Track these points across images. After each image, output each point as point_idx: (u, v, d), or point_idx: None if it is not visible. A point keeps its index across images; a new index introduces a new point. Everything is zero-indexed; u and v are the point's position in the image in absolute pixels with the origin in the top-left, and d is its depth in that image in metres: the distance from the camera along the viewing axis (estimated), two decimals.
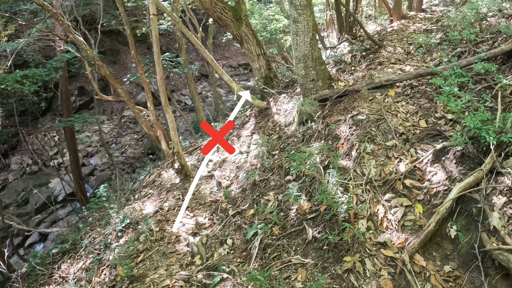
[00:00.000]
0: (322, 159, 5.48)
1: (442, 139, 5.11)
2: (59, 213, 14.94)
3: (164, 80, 7.83)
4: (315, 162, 5.25)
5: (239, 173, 7.38)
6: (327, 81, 6.81)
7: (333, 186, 4.68)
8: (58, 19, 9.71)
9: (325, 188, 4.49)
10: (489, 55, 6.18)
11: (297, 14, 6.30)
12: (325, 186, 4.54)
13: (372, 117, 5.69)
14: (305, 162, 5.05)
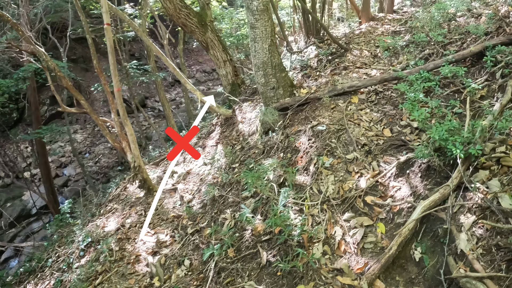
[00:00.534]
0: (278, 175, 4.97)
1: (407, 150, 4.64)
2: (33, 226, 14.29)
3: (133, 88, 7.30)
4: (269, 180, 4.74)
5: (202, 187, 6.90)
6: (288, 89, 6.32)
7: (285, 208, 4.17)
8: (18, 29, 9.10)
9: (276, 211, 3.97)
10: (458, 57, 5.74)
11: (254, 19, 5.80)
12: (275, 210, 4.02)
13: (333, 127, 5.20)
14: (258, 180, 4.54)
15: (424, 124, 4.24)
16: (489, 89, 5.12)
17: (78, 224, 7.97)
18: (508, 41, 5.62)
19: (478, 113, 4.74)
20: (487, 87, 5.16)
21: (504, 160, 3.85)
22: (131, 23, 7.81)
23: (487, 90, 5.11)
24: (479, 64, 5.65)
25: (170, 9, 8.45)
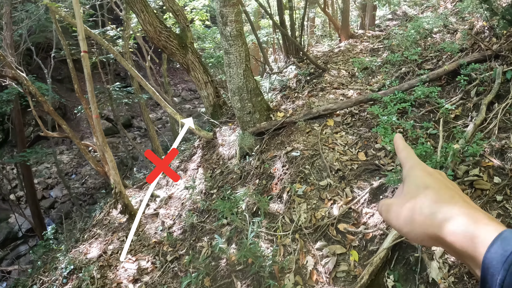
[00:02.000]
0: (252, 203, 4.95)
1: (380, 174, 4.63)
2: (20, 249, 14.11)
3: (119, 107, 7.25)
4: (242, 210, 4.71)
5: (182, 212, 6.86)
6: (264, 113, 6.32)
7: (257, 239, 4.14)
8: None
9: (246, 244, 3.95)
10: (432, 76, 5.77)
11: (228, 45, 5.81)
12: (245, 242, 4.00)
13: (307, 153, 5.19)
14: (231, 209, 4.51)
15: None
16: (464, 108, 5.13)
17: (62, 250, 7.86)
18: (482, 58, 5.64)
19: (453, 134, 4.74)
20: (462, 106, 5.18)
21: (477, 184, 3.85)
22: (110, 48, 7.80)
23: (461, 109, 5.12)
24: (454, 82, 5.67)
25: (150, 31, 8.43)
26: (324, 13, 10.34)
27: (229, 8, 5.64)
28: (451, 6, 8.56)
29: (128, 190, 9.10)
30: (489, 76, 5.19)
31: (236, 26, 5.72)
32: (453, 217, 0.59)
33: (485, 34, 6.37)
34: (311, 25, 12.80)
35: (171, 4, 9.06)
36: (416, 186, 0.66)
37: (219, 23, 5.85)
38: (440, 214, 0.60)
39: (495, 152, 4.21)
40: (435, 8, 9.16)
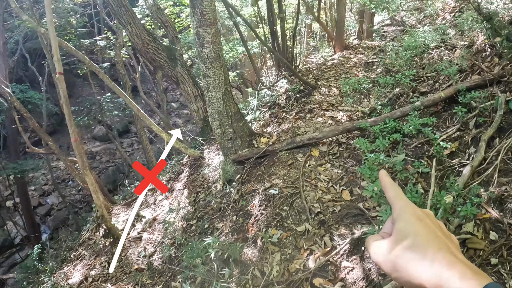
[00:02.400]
0: (223, 249, 4.45)
1: (364, 221, 4.13)
2: (16, 256, 13.79)
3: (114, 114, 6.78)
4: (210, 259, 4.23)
5: (164, 239, 6.42)
6: (246, 139, 5.81)
7: None
8: None
9: None
10: (427, 103, 5.19)
11: (206, 68, 5.31)
12: None
13: (286, 191, 4.69)
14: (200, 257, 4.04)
15: (380, 201, 3.71)
16: (461, 142, 4.58)
17: (47, 271, 7.56)
18: (483, 83, 5.04)
19: (447, 174, 4.22)
20: (459, 139, 4.63)
21: (470, 242, 3.34)
22: (92, 65, 7.37)
23: (458, 143, 4.58)
24: (451, 109, 5.11)
25: (138, 44, 8.00)
26: (318, 22, 9.77)
27: (205, 28, 5.13)
28: (450, 17, 7.96)
29: (116, 207, 8.71)
30: (490, 105, 4.62)
31: (213, 47, 5.21)
32: (438, 274, 0.59)
33: (487, 53, 5.78)
34: (308, 32, 12.22)
35: (159, 15, 8.60)
36: (405, 234, 0.66)
37: (196, 44, 5.36)
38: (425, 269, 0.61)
39: (493, 200, 3.69)
40: (433, 19, 8.55)
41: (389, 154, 4.78)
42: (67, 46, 7.12)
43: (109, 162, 17.05)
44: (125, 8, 7.61)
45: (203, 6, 5.05)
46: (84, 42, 11.41)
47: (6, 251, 14.00)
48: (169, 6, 11.44)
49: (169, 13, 11.39)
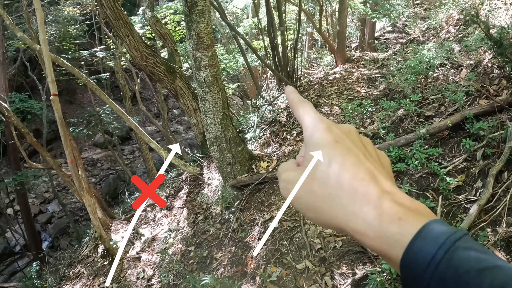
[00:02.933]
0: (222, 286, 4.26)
1: (366, 260, 3.92)
2: (17, 264, 13.62)
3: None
4: None
5: (163, 262, 6.24)
6: (246, 163, 5.60)
7: None
8: None
9: None
10: (433, 131, 4.93)
11: (203, 92, 5.10)
12: None
13: (286, 225, 4.48)
14: None
15: None
16: (468, 174, 4.35)
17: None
18: (491, 109, 4.80)
19: (453, 210, 4.01)
20: (466, 171, 4.40)
21: None
22: (89, 82, 7.16)
23: (465, 175, 4.35)
24: (457, 136, 4.88)
25: (136, 57, 7.76)
26: (319, 34, 9.54)
27: (202, 51, 4.93)
28: (454, 30, 7.72)
29: (116, 223, 8.52)
30: (499, 135, 4.39)
31: (211, 71, 5.00)
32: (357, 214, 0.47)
33: (494, 74, 5.54)
34: (309, 40, 11.98)
35: (158, 27, 8.37)
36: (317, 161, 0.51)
37: (192, 67, 5.15)
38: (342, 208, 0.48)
39: (500, 239, 3.48)
40: (437, 31, 8.30)
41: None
42: (63, 63, 6.92)
43: (110, 169, 16.86)
44: (123, 21, 7.37)
45: (199, 29, 4.85)
46: (83, 53, 11.22)
47: (6, 259, 13.83)
48: (170, 15, 11.21)
49: (170, 22, 11.17)
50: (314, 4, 11.02)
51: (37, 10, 5.60)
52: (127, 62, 11.30)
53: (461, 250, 0.41)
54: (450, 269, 0.40)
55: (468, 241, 0.43)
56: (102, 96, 7.19)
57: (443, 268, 0.41)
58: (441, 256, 0.41)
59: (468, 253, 0.41)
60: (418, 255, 0.42)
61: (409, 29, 10.35)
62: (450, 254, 0.41)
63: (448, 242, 0.42)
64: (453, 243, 0.42)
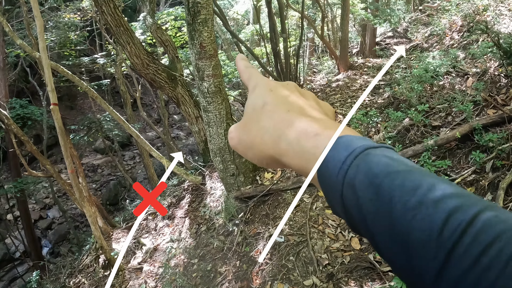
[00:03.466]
0: None
1: (375, 276, 3.79)
2: (17, 270, 13.47)
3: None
4: None
5: (166, 273, 6.11)
6: (250, 175, 5.48)
7: None
8: None
9: None
10: (441, 142, 4.80)
11: (206, 102, 4.98)
12: None
13: (292, 239, 4.35)
14: None
15: None
16: (477, 186, 4.23)
17: None
18: (500, 120, 4.68)
19: None
20: (476, 183, 4.28)
21: None
22: (89, 90, 7.05)
23: (475, 187, 4.24)
24: (466, 148, 4.76)
25: (137, 64, 7.65)
26: (322, 40, 9.42)
27: (205, 61, 4.81)
28: (458, 37, 7.60)
29: (116, 232, 8.38)
30: (508, 146, 4.27)
31: (214, 81, 4.88)
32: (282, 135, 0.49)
33: (501, 83, 5.43)
34: (310, 45, 11.87)
35: (159, 34, 8.26)
36: (253, 107, 0.56)
37: (195, 77, 5.03)
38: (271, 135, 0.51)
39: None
40: (440, 38, 8.19)
41: None
42: (63, 71, 6.79)
43: (110, 175, 16.70)
44: (123, 28, 7.26)
45: (202, 38, 4.73)
46: (83, 60, 11.10)
47: (6, 265, 13.68)
48: (171, 21, 11.10)
49: (171, 28, 11.06)
50: (315, 10, 10.92)
51: (37, 18, 5.46)
52: (127, 68, 11.16)
53: (371, 156, 0.40)
54: (359, 174, 0.39)
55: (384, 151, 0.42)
56: (103, 104, 7.07)
57: (352, 173, 0.40)
58: (350, 162, 0.41)
59: (379, 158, 0.40)
60: (329, 165, 0.43)
61: (411, 34, 10.24)
62: (359, 160, 0.40)
63: (359, 149, 0.41)
64: (364, 150, 0.41)
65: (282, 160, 0.50)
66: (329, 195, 0.44)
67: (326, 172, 0.43)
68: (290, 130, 0.48)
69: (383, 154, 0.41)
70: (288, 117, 0.50)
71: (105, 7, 6.93)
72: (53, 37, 10.73)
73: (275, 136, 0.50)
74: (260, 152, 0.53)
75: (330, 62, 10.42)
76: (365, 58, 10.04)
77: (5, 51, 12.03)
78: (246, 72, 0.63)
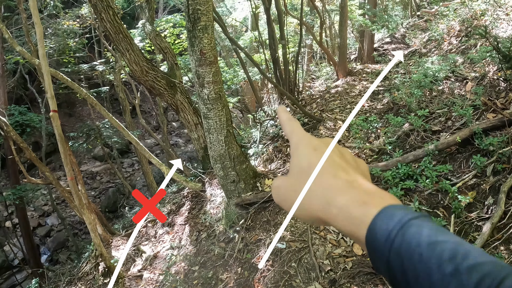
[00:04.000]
0: None
1: (378, 281, 3.77)
2: (16, 278, 13.38)
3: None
4: None
5: (166, 281, 6.06)
6: (250, 181, 5.45)
7: None
8: None
9: None
10: (441, 146, 4.78)
11: (207, 109, 4.97)
12: None
13: (294, 245, 4.32)
14: None
15: None
16: (478, 191, 4.22)
17: None
18: (500, 124, 4.68)
19: (465, 229, 3.87)
20: (477, 187, 4.27)
21: None
22: (88, 97, 7.02)
23: (476, 192, 4.22)
24: (466, 152, 4.75)
25: (136, 71, 7.63)
26: (320, 47, 9.44)
27: (205, 67, 4.79)
28: (456, 42, 7.62)
29: (116, 239, 8.33)
30: (509, 150, 4.26)
31: (214, 88, 4.87)
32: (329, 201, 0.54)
33: (500, 87, 5.43)
34: (309, 52, 11.89)
35: (158, 41, 8.25)
36: (299, 168, 0.60)
37: (195, 84, 5.02)
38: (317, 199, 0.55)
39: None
40: (439, 43, 8.21)
41: (403, 202, 4.42)
42: (62, 78, 6.77)
43: (109, 182, 16.66)
44: (123, 35, 7.24)
45: (202, 44, 4.71)
46: (82, 67, 11.09)
47: (4, 272, 13.59)
48: (169, 28, 11.11)
49: (169, 35, 11.07)
50: (313, 17, 10.95)
51: (36, 25, 5.45)
52: (126, 75, 11.15)
53: (414, 226, 0.46)
54: (404, 243, 0.45)
55: (424, 221, 0.47)
56: (102, 111, 7.04)
57: (398, 242, 0.46)
58: (396, 232, 0.46)
59: (421, 230, 0.45)
60: (377, 232, 0.48)
61: (409, 40, 10.26)
62: (404, 230, 0.46)
63: (403, 220, 0.47)
64: (408, 221, 0.46)
65: (330, 223, 0.54)
66: (375, 257, 0.49)
67: (374, 239, 0.48)
68: (339, 197, 0.53)
69: (424, 225, 0.46)
70: (336, 184, 0.55)
71: (104, 14, 6.92)
72: (52, 44, 10.72)
73: (324, 201, 0.54)
74: (308, 213, 0.57)
75: (328, 69, 10.42)
76: (363, 64, 10.05)
77: (4, 58, 12.02)
78: (289, 125, 0.67)
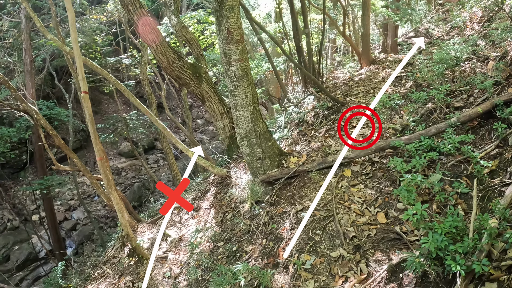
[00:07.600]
0: (253, 277, 4.24)
1: (402, 246, 3.88)
2: (41, 270, 13.79)
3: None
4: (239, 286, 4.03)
5: (191, 260, 6.24)
6: (276, 159, 5.62)
7: None
8: (9, 87, 8.72)
9: None
10: (463, 119, 4.89)
11: (233, 86, 5.16)
12: None
13: (319, 214, 4.47)
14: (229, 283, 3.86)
15: (420, 225, 3.49)
16: (500, 159, 4.30)
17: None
18: None
19: (488, 194, 3.95)
20: (499, 156, 4.35)
21: None
22: (118, 83, 7.29)
23: (498, 161, 4.30)
24: (488, 124, 4.84)
25: (163, 61, 7.88)
26: (343, 37, 9.59)
27: (232, 46, 4.99)
28: (478, 27, 7.68)
29: (141, 225, 8.56)
30: None
31: (241, 65, 5.06)
32: None
33: None
34: (332, 46, 12.03)
35: (184, 32, 8.49)
36: None
37: (223, 62, 5.22)
38: None
39: None
40: (461, 29, 8.27)
41: (426, 173, 4.53)
42: (92, 65, 7.06)
43: (134, 178, 17.04)
44: (150, 27, 7.51)
45: (229, 23, 4.91)
46: (109, 60, 11.45)
47: (30, 264, 14.02)
48: (193, 24, 11.39)
49: (194, 31, 11.34)
50: (336, 11, 11.10)
51: (68, 10, 5.74)
52: (152, 68, 11.47)
53: None
54: None
55: None
56: (131, 98, 7.31)
57: None
58: None
59: None
60: None
61: (432, 30, 10.32)
62: None
63: None
64: None
65: None
66: None
67: None
68: None
69: None
70: None
71: (131, 6, 7.20)
72: (80, 39, 11.12)
73: None
74: None
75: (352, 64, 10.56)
76: (387, 54, 10.15)
77: (32, 55, 12.48)
78: None
